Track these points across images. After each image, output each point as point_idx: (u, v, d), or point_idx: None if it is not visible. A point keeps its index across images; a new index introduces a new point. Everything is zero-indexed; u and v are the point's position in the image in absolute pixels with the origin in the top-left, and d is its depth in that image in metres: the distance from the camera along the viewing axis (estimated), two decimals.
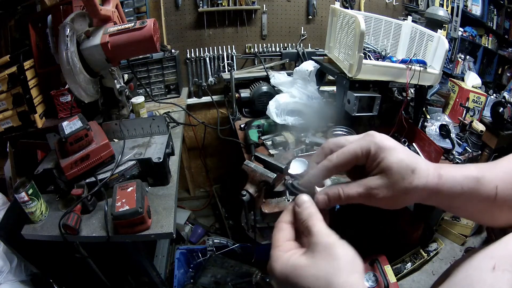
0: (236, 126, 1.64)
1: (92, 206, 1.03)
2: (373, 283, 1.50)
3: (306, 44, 2.10)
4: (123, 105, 1.35)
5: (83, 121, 1.05)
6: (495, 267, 0.32)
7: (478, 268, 0.33)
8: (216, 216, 2.33)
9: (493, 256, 0.33)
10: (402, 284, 1.78)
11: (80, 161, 1.01)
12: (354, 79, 1.24)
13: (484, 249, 0.35)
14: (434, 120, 1.67)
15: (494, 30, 2.26)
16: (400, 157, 0.37)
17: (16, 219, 1.03)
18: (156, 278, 1.34)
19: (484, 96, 1.85)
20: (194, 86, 2.08)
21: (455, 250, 2.00)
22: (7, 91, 1.41)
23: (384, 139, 0.39)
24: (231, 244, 1.65)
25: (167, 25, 1.90)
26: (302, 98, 1.51)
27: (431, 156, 1.34)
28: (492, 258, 0.33)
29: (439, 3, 2.06)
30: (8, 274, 1.19)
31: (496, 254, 0.33)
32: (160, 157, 1.10)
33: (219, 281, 1.42)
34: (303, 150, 1.40)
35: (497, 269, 0.31)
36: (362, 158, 0.39)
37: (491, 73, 2.35)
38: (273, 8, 1.97)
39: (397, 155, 0.37)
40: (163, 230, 0.97)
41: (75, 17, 1.11)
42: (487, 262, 0.33)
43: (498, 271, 0.31)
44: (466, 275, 0.33)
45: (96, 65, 1.15)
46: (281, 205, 1.12)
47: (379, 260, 1.53)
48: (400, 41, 1.53)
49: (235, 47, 2.01)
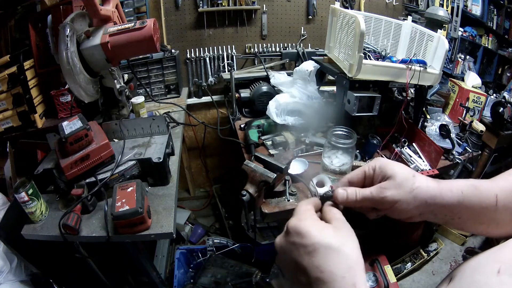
0: (236, 126, 1.64)
1: (92, 206, 1.03)
2: (373, 283, 1.50)
3: (306, 44, 2.10)
4: (123, 105, 1.35)
5: (83, 121, 1.05)
6: (500, 271, 0.32)
7: (483, 272, 0.33)
8: (216, 216, 2.33)
9: (498, 260, 0.33)
10: (402, 284, 1.78)
11: (80, 161, 1.01)
12: (354, 79, 1.24)
13: (489, 253, 0.35)
14: (434, 120, 1.67)
15: (494, 30, 2.26)
16: (402, 167, 0.45)
17: (16, 219, 1.03)
18: (156, 278, 1.34)
19: (484, 96, 1.85)
20: (194, 86, 2.08)
21: (455, 250, 2.00)
22: (7, 91, 1.42)
23: (387, 160, 0.47)
24: (231, 244, 1.65)
25: (167, 25, 1.90)
26: (302, 98, 1.51)
27: (431, 156, 1.34)
28: (497, 262, 0.33)
29: (439, 3, 2.06)
30: (8, 274, 1.19)
31: (501, 258, 0.33)
32: (160, 157, 1.10)
33: (219, 281, 1.42)
34: (303, 150, 1.40)
35: (502, 273, 0.31)
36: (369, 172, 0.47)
37: (491, 73, 2.35)
38: (273, 8, 1.97)
39: (399, 166, 0.45)
40: (163, 230, 0.97)
41: (75, 17, 1.11)
42: (492, 266, 0.33)
43: (503, 275, 0.31)
44: (471, 280, 0.33)
45: (96, 65, 1.15)
46: (281, 205, 1.12)
47: (379, 260, 1.53)
48: (400, 41, 1.53)
49: (235, 47, 2.01)
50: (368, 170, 0.47)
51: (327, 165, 1.21)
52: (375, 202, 0.44)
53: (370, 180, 0.47)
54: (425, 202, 0.42)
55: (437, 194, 0.41)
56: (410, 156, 1.37)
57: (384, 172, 0.45)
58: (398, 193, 0.42)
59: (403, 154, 1.37)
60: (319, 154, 1.33)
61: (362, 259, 0.37)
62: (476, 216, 0.42)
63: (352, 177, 0.48)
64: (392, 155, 1.39)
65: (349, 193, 0.45)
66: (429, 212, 0.43)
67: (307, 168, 1.25)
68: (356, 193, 0.45)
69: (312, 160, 1.31)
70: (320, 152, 1.32)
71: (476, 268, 0.34)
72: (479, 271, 0.34)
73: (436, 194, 0.41)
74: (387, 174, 0.44)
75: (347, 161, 1.19)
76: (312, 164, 1.29)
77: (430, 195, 0.41)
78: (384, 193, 0.43)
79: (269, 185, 0.97)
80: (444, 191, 0.41)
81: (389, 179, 0.44)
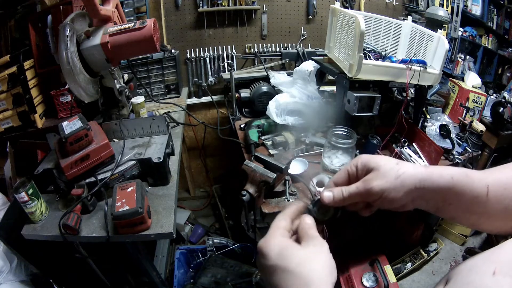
0: (236, 126, 1.64)
1: (92, 206, 1.03)
2: (373, 283, 1.50)
3: (306, 44, 2.10)
4: (123, 105, 1.35)
5: (83, 121, 1.05)
6: (496, 271, 0.32)
7: (479, 272, 0.33)
8: (216, 216, 2.33)
9: (493, 261, 0.33)
10: (402, 284, 1.78)
11: (80, 161, 1.01)
12: (354, 79, 1.24)
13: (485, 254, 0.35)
14: (434, 120, 1.67)
15: (494, 30, 2.26)
16: (384, 158, 0.45)
17: (16, 219, 1.03)
18: (156, 278, 1.34)
19: (484, 96, 1.85)
20: (194, 86, 2.08)
21: (455, 250, 2.00)
22: (7, 91, 1.42)
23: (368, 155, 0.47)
24: (231, 244, 1.65)
25: (167, 25, 1.90)
26: (302, 98, 1.51)
27: (431, 156, 1.34)
28: (493, 263, 0.33)
29: (439, 3, 2.06)
30: (8, 274, 1.19)
31: (497, 259, 0.34)
32: (160, 157, 1.10)
33: (219, 281, 1.42)
34: (303, 150, 1.40)
35: (498, 274, 0.31)
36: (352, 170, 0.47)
37: (491, 73, 2.35)
38: (273, 8, 1.97)
39: (381, 158, 0.46)
40: (163, 230, 0.97)
41: (75, 17, 1.11)
42: (488, 266, 0.33)
43: (498, 276, 0.31)
44: (467, 280, 0.33)
45: (96, 65, 1.15)
46: (281, 205, 1.12)
47: (379, 260, 1.53)
48: (400, 41, 1.53)
49: (235, 47, 2.01)
50: (351, 168, 0.48)
51: (327, 165, 1.21)
52: (363, 196, 0.44)
53: (354, 178, 0.47)
54: (414, 187, 0.42)
55: (426, 177, 0.41)
56: (410, 156, 1.37)
57: (367, 166, 0.45)
58: (383, 182, 0.42)
59: (403, 154, 1.37)
60: (319, 154, 1.33)
61: (330, 275, 0.38)
62: (467, 205, 0.42)
63: (336, 179, 0.49)
64: (392, 155, 1.39)
65: (335, 193, 0.46)
66: (419, 198, 0.43)
67: (307, 168, 1.25)
68: (342, 191, 0.46)
69: (312, 160, 1.31)
70: (320, 152, 1.33)
71: (472, 269, 0.34)
72: (475, 271, 0.34)
73: (425, 177, 0.41)
74: (370, 167, 0.45)
75: (347, 161, 1.19)
76: (312, 164, 1.29)
77: (418, 179, 0.41)
78: (370, 185, 0.43)
79: (269, 185, 0.97)
80: (433, 176, 0.41)
81: (373, 171, 0.44)
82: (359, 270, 1.54)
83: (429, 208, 0.44)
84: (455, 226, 2.01)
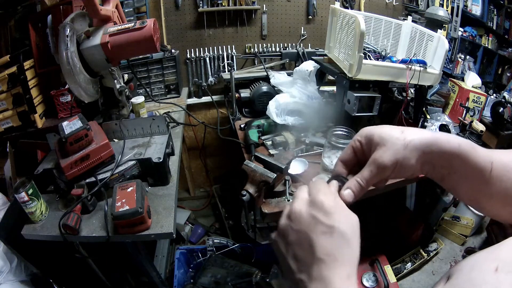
0: (236, 126, 1.64)
1: (92, 206, 1.03)
2: (373, 283, 1.50)
3: (306, 44, 2.10)
4: (123, 105, 1.35)
5: (83, 121, 1.05)
6: (498, 268, 0.31)
7: (480, 270, 0.33)
8: (216, 216, 2.33)
9: (495, 258, 0.33)
10: (402, 284, 1.78)
11: (80, 161, 1.01)
12: (354, 79, 1.24)
13: (487, 251, 0.35)
14: (434, 120, 1.67)
15: (494, 30, 2.26)
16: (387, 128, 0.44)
17: (16, 219, 1.03)
18: (156, 278, 1.34)
19: (484, 96, 1.85)
20: (194, 86, 2.08)
21: (455, 250, 2.00)
22: (7, 91, 1.41)
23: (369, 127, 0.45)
24: (231, 244, 1.65)
25: (167, 25, 1.90)
26: (302, 98, 1.51)
27: None
28: (495, 260, 0.33)
29: (439, 3, 2.06)
30: (8, 274, 1.18)
31: (499, 256, 0.33)
32: (160, 157, 1.10)
33: (219, 281, 1.42)
34: (303, 150, 1.40)
35: (500, 271, 0.31)
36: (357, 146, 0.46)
37: (491, 73, 2.35)
38: (273, 8, 1.97)
39: (384, 129, 0.44)
40: (163, 230, 0.97)
41: (75, 17, 1.11)
42: (490, 264, 0.33)
43: (501, 273, 0.31)
44: (469, 277, 0.33)
45: (96, 65, 1.15)
46: (281, 205, 1.12)
47: (379, 260, 1.53)
48: (400, 41, 1.53)
49: (235, 47, 2.01)
50: (355, 144, 0.46)
51: (327, 165, 1.21)
52: (378, 175, 0.43)
53: (361, 153, 0.46)
54: (422, 153, 0.41)
55: (433, 142, 0.41)
56: None
57: (371, 139, 0.44)
58: (393, 154, 0.41)
59: None
60: (319, 154, 1.33)
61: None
62: (471, 178, 0.41)
63: (343, 157, 0.48)
64: None
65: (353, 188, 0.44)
66: (427, 162, 0.42)
67: (307, 168, 1.24)
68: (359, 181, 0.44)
69: (312, 160, 1.31)
70: (320, 152, 1.32)
71: (473, 266, 0.34)
72: (476, 269, 0.34)
73: (432, 142, 0.41)
74: (375, 141, 0.43)
75: None
76: (312, 164, 1.29)
77: (425, 144, 0.41)
78: (382, 162, 0.42)
79: (269, 185, 0.97)
80: (441, 140, 0.41)
81: (379, 145, 0.43)
82: (359, 270, 1.54)
83: (435, 175, 0.43)
84: (455, 226, 2.01)
